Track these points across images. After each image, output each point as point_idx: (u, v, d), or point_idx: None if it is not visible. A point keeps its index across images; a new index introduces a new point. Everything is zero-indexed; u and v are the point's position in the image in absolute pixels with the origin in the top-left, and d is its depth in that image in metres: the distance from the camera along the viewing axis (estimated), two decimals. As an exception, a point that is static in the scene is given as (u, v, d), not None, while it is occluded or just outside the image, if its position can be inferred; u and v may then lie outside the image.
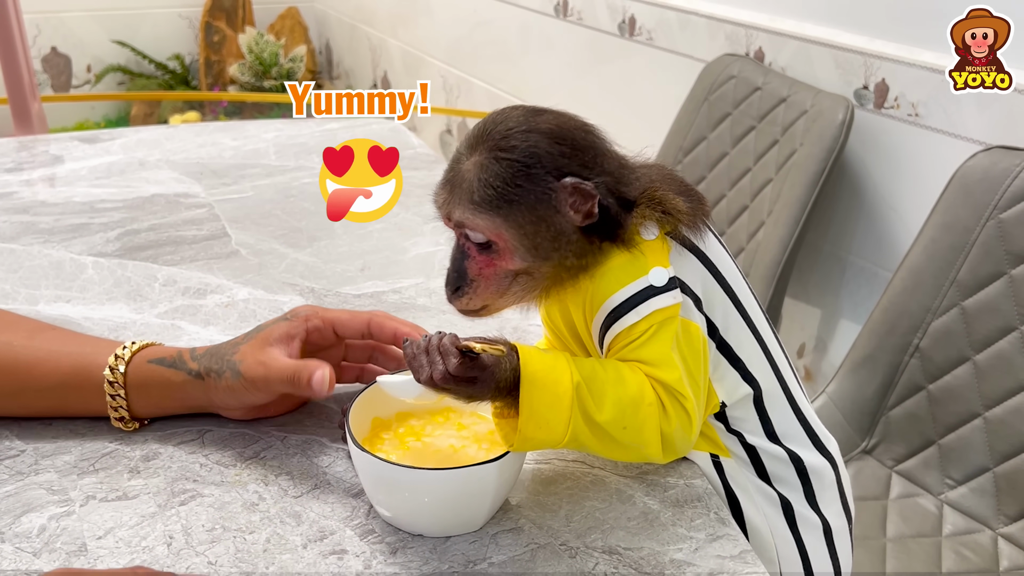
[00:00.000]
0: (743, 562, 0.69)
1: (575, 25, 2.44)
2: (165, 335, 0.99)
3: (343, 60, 4.25)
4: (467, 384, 0.67)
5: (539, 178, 0.71)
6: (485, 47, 2.97)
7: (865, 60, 1.62)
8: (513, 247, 0.72)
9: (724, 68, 1.88)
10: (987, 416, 1.34)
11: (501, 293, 0.74)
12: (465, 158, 0.74)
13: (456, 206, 0.72)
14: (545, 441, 0.69)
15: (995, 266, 1.33)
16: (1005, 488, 1.32)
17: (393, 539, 0.70)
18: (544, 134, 0.73)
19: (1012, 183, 1.32)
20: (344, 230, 1.28)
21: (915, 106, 1.55)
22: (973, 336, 1.35)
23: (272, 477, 0.77)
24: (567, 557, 0.69)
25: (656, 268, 0.73)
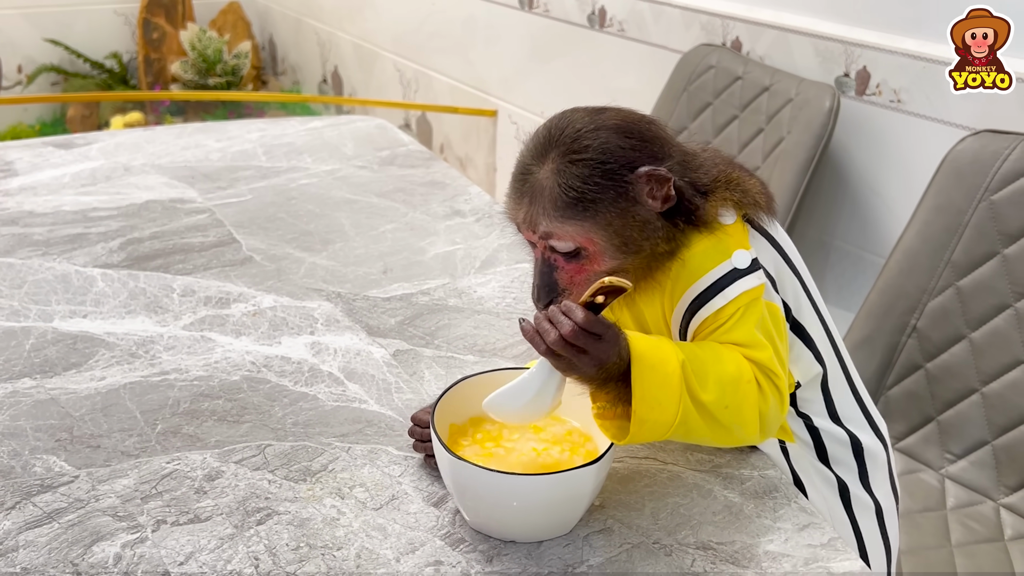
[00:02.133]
0: (834, 549, 0.70)
1: (542, 17, 2.43)
2: (197, 348, 0.96)
3: (288, 55, 4.15)
4: (594, 340, 0.66)
5: (615, 173, 0.71)
6: (445, 40, 2.94)
7: (846, 48, 1.66)
8: (603, 248, 0.71)
9: (702, 58, 1.90)
10: (984, 392, 1.38)
11: None
12: (536, 167, 0.73)
13: (541, 217, 0.72)
14: (658, 423, 0.68)
15: (988, 246, 1.37)
16: (1004, 460, 1.37)
17: (485, 547, 0.69)
18: (612, 130, 0.73)
19: (1002, 165, 1.36)
20: (356, 232, 1.25)
21: (897, 92, 1.59)
22: (969, 315, 1.40)
23: (346, 490, 0.75)
24: (663, 555, 0.69)
25: (739, 251, 0.73)
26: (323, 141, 1.61)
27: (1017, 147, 1.36)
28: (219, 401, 0.87)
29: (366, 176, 1.46)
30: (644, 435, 0.69)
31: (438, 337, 0.99)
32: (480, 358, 0.95)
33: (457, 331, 1.00)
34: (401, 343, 0.98)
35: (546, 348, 0.66)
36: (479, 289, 1.10)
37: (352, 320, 1.02)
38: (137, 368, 0.92)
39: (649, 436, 0.70)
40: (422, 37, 3.09)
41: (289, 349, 0.96)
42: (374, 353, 0.96)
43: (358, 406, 0.87)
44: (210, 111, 3.91)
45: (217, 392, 0.88)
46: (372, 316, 1.03)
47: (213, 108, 3.93)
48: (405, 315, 1.03)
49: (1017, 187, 1.35)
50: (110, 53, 4.11)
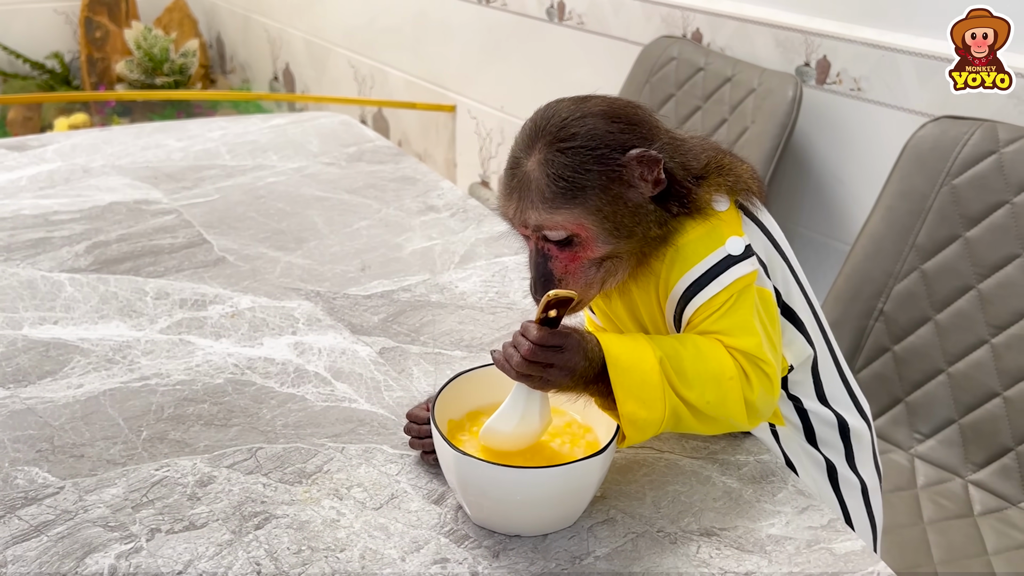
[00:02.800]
0: (834, 531, 0.71)
1: (500, 11, 2.43)
2: (176, 351, 0.93)
3: (237, 53, 4.08)
4: (554, 353, 0.67)
5: (606, 158, 0.71)
6: (399, 35, 2.91)
7: (806, 38, 1.68)
8: (595, 234, 0.71)
9: (663, 50, 1.91)
10: (950, 372, 1.42)
11: (589, 284, 0.74)
12: (524, 159, 0.73)
13: (530, 210, 0.71)
14: (648, 420, 0.68)
15: (951, 230, 1.41)
16: (971, 438, 1.40)
17: (490, 542, 0.69)
18: (599, 116, 0.72)
19: (962, 150, 1.40)
20: (330, 230, 1.24)
21: (857, 81, 1.62)
22: (934, 297, 1.43)
23: (344, 491, 0.74)
24: (668, 544, 0.69)
25: (732, 237, 0.74)
26: (287, 139, 1.58)
27: (976, 132, 1.40)
28: (204, 405, 0.85)
29: (335, 173, 1.44)
30: (639, 434, 0.70)
31: (423, 334, 0.98)
32: (468, 353, 0.94)
33: (442, 327, 0.99)
34: (386, 341, 0.96)
35: (515, 373, 0.68)
36: (460, 284, 1.09)
37: (334, 319, 1.01)
38: (116, 374, 0.89)
39: (644, 434, 0.70)
40: (375, 32, 3.06)
41: (272, 350, 0.94)
42: (359, 352, 0.94)
43: (348, 405, 0.86)
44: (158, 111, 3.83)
45: (201, 396, 0.86)
46: (354, 314, 1.02)
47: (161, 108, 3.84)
48: (388, 312, 1.02)
49: (977, 171, 1.38)
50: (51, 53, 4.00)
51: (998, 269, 1.37)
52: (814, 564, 0.67)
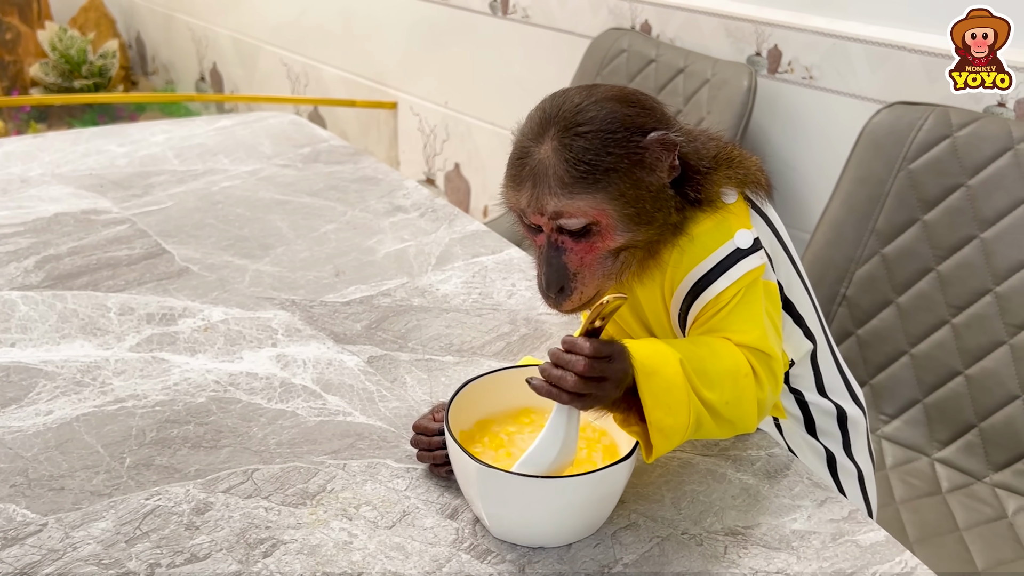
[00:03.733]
0: (856, 522, 0.70)
1: (440, 6, 2.38)
2: (150, 370, 0.88)
3: (159, 53, 3.93)
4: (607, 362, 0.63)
5: (627, 140, 0.68)
6: (332, 31, 2.84)
7: (756, 27, 1.69)
8: (616, 221, 0.68)
9: (613, 42, 1.90)
10: (913, 353, 1.45)
11: (607, 277, 0.71)
12: (535, 147, 0.70)
13: (547, 196, 0.68)
14: (674, 428, 0.66)
15: (909, 213, 1.43)
16: (935, 417, 1.43)
17: (514, 555, 0.66)
18: (614, 100, 0.70)
19: (917, 135, 1.43)
20: (296, 234, 1.19)
21: (809, 69, 1.64)
22: (894, 280, 1.45)
23: (352, 510, 0.70)
24: (695, 546, 0.68)
25: (741, 230, 0.72)
26: (236, 140, 1.52)
27: (929, 117, 1.42)
28: (189, 426, 0.80)
29: (292, 175, 1.39)
30: (667, 442, 0.66)
31: (411, 339, 0.95)
32: (460, 358, 0.91)
33: (429, 332, 0.96)
34: (373, 349, 0.93)
35: (569, 395, 0.63)
36: (441, 287, 1.06)
37: (315, 328, 0.96)
38: (87, 398, 0.84)
39: (671, 443, 0.67)
40: (305, 29, 2.98)
41: (253, 364, 0.89)
42: (347, 361, 0.90)
43: (343, 419, 0.82)
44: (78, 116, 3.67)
45: (184, 417, 0.81)
46: (335, 322, 0.98)
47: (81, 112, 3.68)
48: (370, 319, 0.98)
49: (932, 156, 1.41)
50: (-42, 56, 3.79)
51: (956, 251, 1.40)
52: (842, 557, 0.67)
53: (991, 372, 1.36)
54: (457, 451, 0.65)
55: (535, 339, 0.95)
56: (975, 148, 1.38)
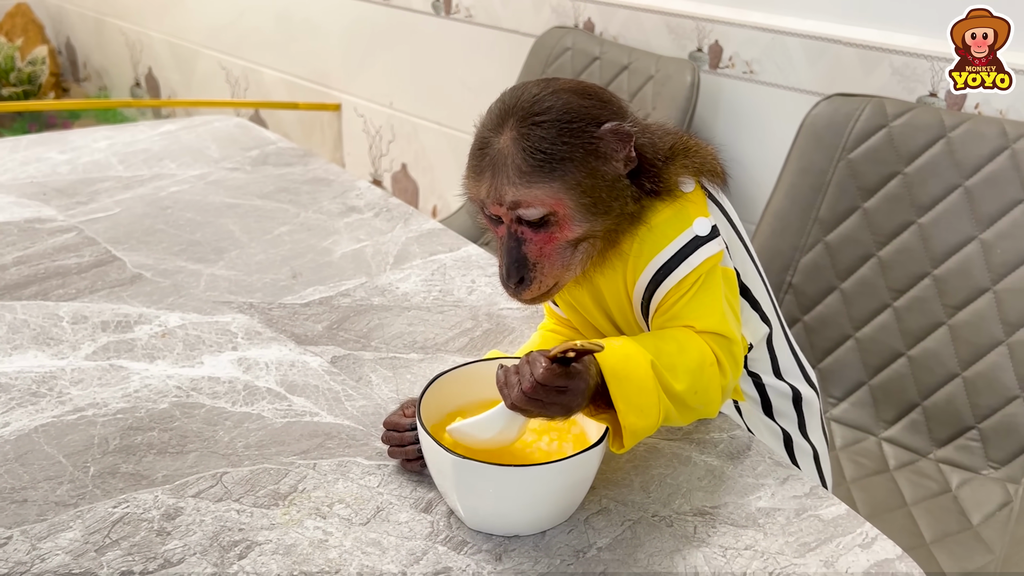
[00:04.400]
0: (817, 497, 0.73)
1: (382, 6, 2.38)
2: (108, 378, 0.87)
3: (91, 59, 3.84)
4: (557, 393, 0.64)
5: (582, 130, 0.70)
6: (274, 34, 2.81)
7: (697, 24, 1.73)
8: (573, 211, 0.70)
9: (557, 41, 1.92)
10: (858, 336, 1.49)
11: (566, 267, 0.72)
12: (494, 138, 0.71)
13: (506, 186, 0.69)
14: (645, 428, 0.68)
15: (850, 202, 1.48)
16: (881, 398, 1.48)
17: (490, 545, 0.67)
18: (571, 91, 0.72)
19: (855, 126, 1.47)
20: (249, 238, 1.18)
21: (749, 64, 1.68)
22: (838, 267, 1.50)
23: (326, 508, 0.71)
24: (665, 527, 0.69)
25: (699, 218, 0.74)
26: (182, 145, 1.50)
27: (866, 108, 1.47)
28: (153, 433, 0.79)
29: (241, 178, 1.37)
30: (634, 440, 0.69)
31: (374, 339, 0.95)
32: (424, 355, 0.92)
33: (391, 330, 0.96)
34: (336, 349, 0.93)
35: (510, 403, 0.64)
36: (400, 285, 1.06)
37: (275, 330, 0.96)
38: (45, 408, 0.82)
39: (638, 439, 0.69)
40: (243, 32, 2.95)
41: (214, 368, 0.89)
42: (310, 362, 0.90)
43: (310, 419, 0.82)
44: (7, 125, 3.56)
45: (147, 424, 0.80)
46: (295, 324, 0.97)
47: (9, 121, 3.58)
48: (331, 319, 0.98)
49: (870, 145, 1.46)
50: None
51: (895, 236, 1.45)
52: (806, 532, 0.69)
53: (932, 352, 1.41)
54: (431, 444, 0.66)
55: (498, 334, 0.96)
56: (910, 137, 1.43)
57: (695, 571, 0.65)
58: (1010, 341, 1.34)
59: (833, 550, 0.67)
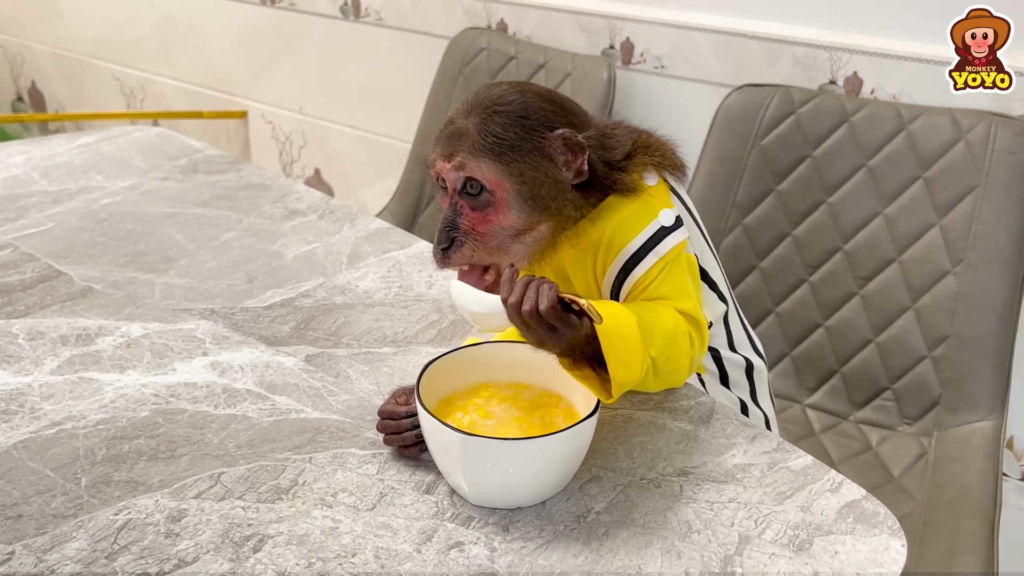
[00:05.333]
0: (785, 451, 0.79)
1: (287, 11, 2.36)
2: (80, 391, 0.85)
3: (-35, 73, 3.63)
4: (546, 329, 0.68)
5: (533, 128, 0.76)
6: (167, 42, 2.74)
7: (608, 22, 1.80)
8: (511, 198, 0.75)
9: (472, 42, 1.96)
10: (778, 311, 1.59)
11: (499, 248, 0.77)
12: (460, 120, 0.77)
13: (459, 151, 0.75)
14: (629, 383, 0.73)
15: (764, 186, 1.57)
16: (802, 367, 1.58)
17: (495, 518, 0.71)
18: (536, 94, 0.78)
19: (765, 114, 1.57)
20: (196, 246, 1.17)
21: (660, 59, 1.76)
22: (756, 247, 1.59)
23: (331, 498, 0.72)
24: (654, 488, 0.74)
25: (664, 210, 0.80)
26: (104, 157, 1.47)
27: (775, 96, 1.57)
28: (140, 440, 0.79)
29: (175, 187, 1.35)
30: (619, 393, 0.74)
31: (344, 336, 0.96)
32: (397, 348, 0.94)
33: (359, 327, 0.98)
34: (308, 348, 0.94)
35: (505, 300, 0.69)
36: (359, 284, 1.08)
37: (243, 334, 0.96)
38: (20, 425, 0.80)
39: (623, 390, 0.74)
40: (133, 40, 2.86)
41: (188, 374, 0.89)
42: (284, 363, 0.91)
43: (296, 416, 0.83)
44: None
45: (132, 432, 0.80)
46: (262, 326, 0.98)
47: None
48: (296, 320, 0.99)
49: (780, 132, 1.56)
50: None
51: (808, 215, 1.55)
52: (780, 482, 0.75)
53: (846, 321, 1.52)
54: (437, 425, 0.69)
55: (464, 324, 0.99)
56: (816, 122, 1.53)
57: (687, 524, 0.70)
58: (916, 307, 1.46)
59: (807, 496, 0.73)
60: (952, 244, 1.43)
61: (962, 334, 1.42)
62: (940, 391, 1.45)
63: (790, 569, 0.66)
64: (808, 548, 0.68)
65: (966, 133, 1.42)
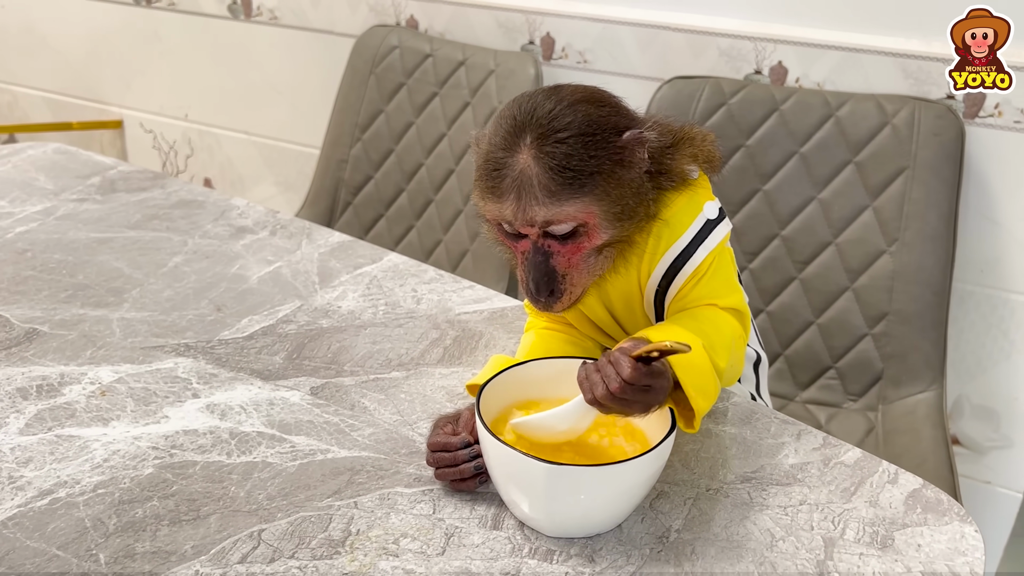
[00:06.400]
0: (832, 446, 0.79)
1: (166, 12, 2.19)
2: (62, 451, 0.75)
3: None
4: (642, 392, 0.65)
5: (605, 141, 0.70)
6: (34, 47, 2.49)
7: (527, 17, 1.76)
8: (602, 220, 0.70)
9: (381, 40, 1.88)
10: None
11: (591, 274, 0.73)
12: (511, 157, 0.69)
13: (535, 207, 0.68)
14: (707, 407, 0.71)
15: (701, 177, 1.59)
16: (746, 352, 1.61)
17: (576, 549, 0.66)
18: (585, 102, 0.72)
19: (698, 105, 1.58)
20: (143, 274, 1.05)
21: (583, 54, 1.74)
22: (696, 238, 1.61)
23: (393, 546, 0.66)
24: (723, 498, 0.72)
25: (708, 202, 0.78)
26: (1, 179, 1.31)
27: (705, 88, 1.59)
28: (153, 502, 0.69)
29: (96, 209, 1.22)
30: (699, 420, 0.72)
31: (344, 362, 0.89)
32: (408, 372, 0.88)
33: (358, 352, 0.91)
34: (310, 379, 0.86)
35: (592, 399, 0.65)
36: (341, 304, 1.00)
37: (231, 369, 0.87)
38: (3, 499, 0.69)
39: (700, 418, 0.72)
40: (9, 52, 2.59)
41: (184, 420, 0.79)
42: (289, 398, 0.83)
43: (323, 458, 0.76)
44: None
45: (140, 494, 0.70)
46: (249, 359, 0.89)
47: None
48: (287, 349, 0.91)
49: (713, 123, 1.57)
50: None
51: (745, 204, 1.58)
52: (840, 478, 0.75)
53: (788, 306, 1.56)
54: (515, 455, 0.64)
55: (468, 340, 0.94)
56: (747, 112, 1.56)
57: (770, 533, 0.68)
58: (855, 287, 1.51)
59: (870, 490, 0.73)
60: (886, 225, 1.48)
61: (900, 310, 1.48)
62: (882, 366, 1.51)
63: (883, 569, 0.65)
64: (891, 544, 0.67)
65: (891, 118, 1.48)
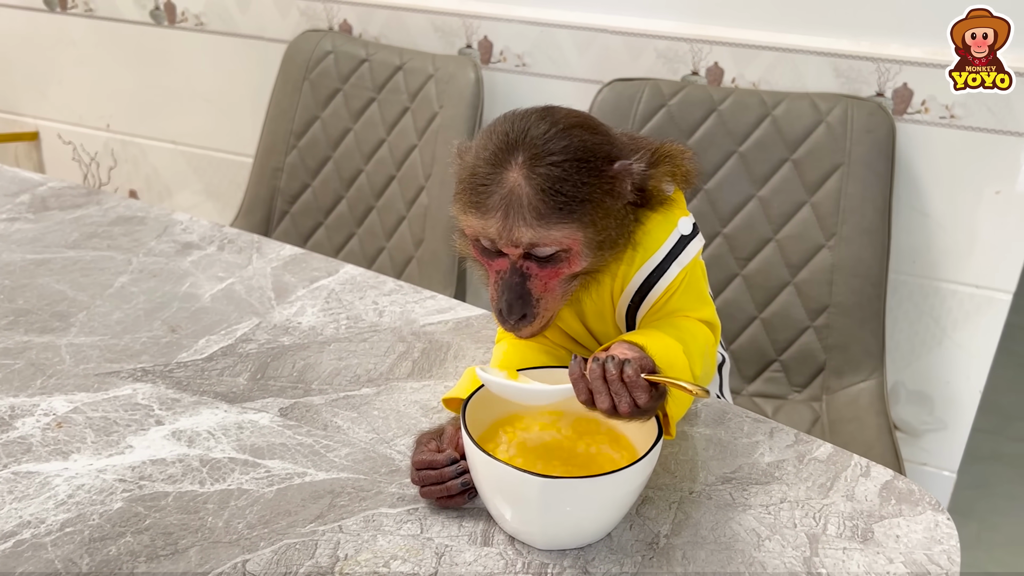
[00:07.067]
0: (805, 442, 0.81)
1: (83, 18, 2.10)
2: (22, 489, 0.71)
3: None
4: (641, 412, 0.65)
5: (599, 170, 0.70)
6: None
7: (464, 21, 1.75)
8: (584, 248, 0.70)
9: (315, 45, 1.84)
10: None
11: (564, 297, 0.73)
12: (498, 175, 0.68)
13: (522, 227, 0.67)
14: (681, 414, 0.72)
15: (643, 177, 1.61)
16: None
17: (569, 560, 0.66)
18: (580, 127, 0.71)
19: (638, 107, 1.60)
20: (89, 296, 1.01)
21: (521, 57, 1.74)
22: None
23: (384, 569, 0.65)
24: (706, 500, 0.73)
25: (682, 218, 0.78)
26: (-79, 199, 1.23)
27: (645, 90, 1.60)
28: (127, 539, 0.66)
29: (30, 229, 1.16)
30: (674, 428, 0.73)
31: (312, 380, 0.87)
32: (378, 387, 0.86)
33: (325, 369, 0.89)
34: (278, 400, 0.84)
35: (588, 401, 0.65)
36: (301, 320, 0.98)
37: (193, 393, 0.84)
38: (-39, 544, 0.65)
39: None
40: None
41: (151, 450, 0.76)
42: (259, 420, 0.81)
43: (301, 481, 0.73)
44: None
45: (112, 530, 0.67)
46: (211, 382, 0.86)
47: None
48: (249, 370, 0.88)
49: (654, 124, 1.59)
50: None
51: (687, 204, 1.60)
52: (816, 473, 0.76)
53: (732, 301, 1.59)
54: (508, 471, 0.63)
55: (436, 351, 0.93)
56: (687, 113, 1.58)
57: (755, 533, 0.70)
58: (796, 281, 1.55)
59: (845, 484, 0.75)
60: (824, 220, 1.53)
61: (840, 303, 1.53)
62: (825, 357, 1.55)
63: (867, 560, 0.67)
64: (872, 537, 0.69)
65: (825, 116, 1.53)
